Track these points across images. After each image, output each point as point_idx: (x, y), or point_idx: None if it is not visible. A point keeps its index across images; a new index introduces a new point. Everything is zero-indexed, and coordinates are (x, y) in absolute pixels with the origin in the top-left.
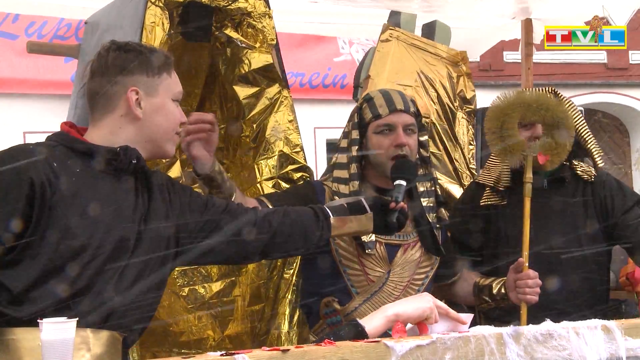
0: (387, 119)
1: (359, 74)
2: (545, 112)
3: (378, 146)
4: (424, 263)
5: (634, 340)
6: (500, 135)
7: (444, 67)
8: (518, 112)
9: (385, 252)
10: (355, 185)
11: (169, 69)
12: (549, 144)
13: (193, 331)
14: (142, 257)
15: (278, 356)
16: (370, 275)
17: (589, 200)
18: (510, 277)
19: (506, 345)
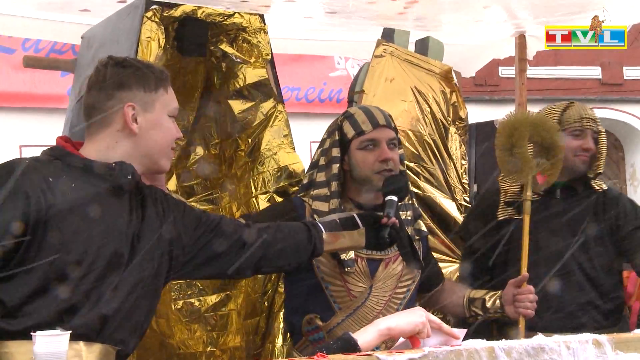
0: (371, 134)
1: (353, 88)
2: (545, 134)
3: (363, 162)
4: (406, 277)
5: (625, 354)
6: (510, 152)
7: (437, 83)
8: (527, 131)
9: (367, 267)
10: (335, 204)
11: (165, 85)
12: (545, 164)
13: (188, 344)
14: (135, 272)
15: None
16: (353, 291)
17: (600, 212)
18: (510, 291)
19: (498, 358)
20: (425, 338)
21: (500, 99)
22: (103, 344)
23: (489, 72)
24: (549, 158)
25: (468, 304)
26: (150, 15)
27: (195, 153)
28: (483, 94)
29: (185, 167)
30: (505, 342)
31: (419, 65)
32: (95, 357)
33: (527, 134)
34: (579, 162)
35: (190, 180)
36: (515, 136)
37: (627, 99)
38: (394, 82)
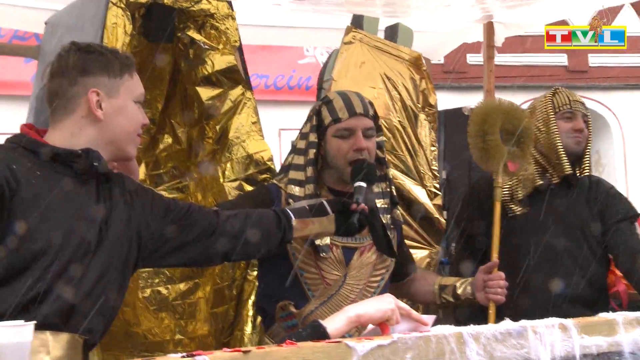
0: (346, 123)
1: (322, 75)
2: (517, 122)
3: (337, 150)
4: (380, 266)
5: (590, 337)
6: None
7: (407, 69)
8: (499, 119)
9: (342, 255)
10: (311, 189)
11: (130, 71)
12: (516, 152)
13: (155, 333)
14: (103, 260)
15: (239, 357)
16: (327, 279)
17: (592, 204)
18: (480, 277)
19: (466, 344)
20: (395, 325)
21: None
22: (70, 334)
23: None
24: (520, 146)
25: (439, 291)
26: (115, 1)
27: (163, 141)
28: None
29: (153, 155)
30: (473, 327)
31: (388, 52)
32: (62, 346)
33: (499, 121)
34: (572, 143)
35: (158, 168)
36: (488, 124)
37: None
38: (363, 69)
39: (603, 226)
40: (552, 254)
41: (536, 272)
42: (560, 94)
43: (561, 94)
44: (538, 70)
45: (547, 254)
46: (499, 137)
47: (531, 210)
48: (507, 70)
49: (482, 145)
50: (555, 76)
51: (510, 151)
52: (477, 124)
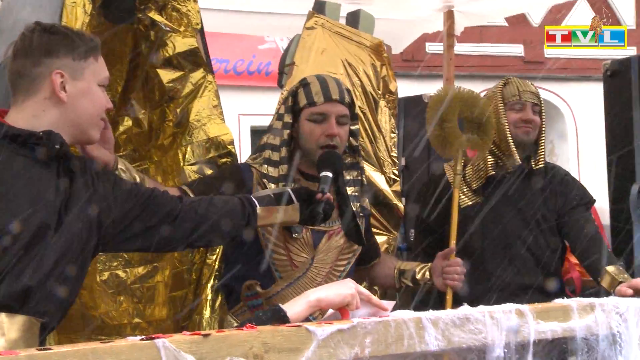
0: (321, 107)
1: (283, 60)
2: (475, 109)
3: (309, 133)
4: (346, 250)
5: (545, 323)
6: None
7: (368, 56)
8: (458, 106)
9: (311, 238)
10: (285, 169)
11: (95, 53)
12: (475, 140)
13: (113, 316)
14: (62, 243)
15: (199, 340)
16: (295, 261)
17: (548, 192)
18: (438, 263)
19: (425, 329)
20: (355, 310)
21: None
22: (26, 316)
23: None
24: (478, 133)
25: (398, 276)
26: None
27: (122, 124)
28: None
29: None
30: (432, 312)
31: (349, 38)
32: (17, 329)
33: (457, 109)
34: (521, 134)
35: (118, 151)
36: (445, 111)
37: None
38: (324, 55)
39: (558, 213)
40: (508, 242)
41: (492, 260)
42: (510, 85)
43: (511, 85)
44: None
45: (503, 242)
46: (457, 125)
47: (486, 199)
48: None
49: (440, 132)
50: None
51: (468, 139)
52: (435, 112)
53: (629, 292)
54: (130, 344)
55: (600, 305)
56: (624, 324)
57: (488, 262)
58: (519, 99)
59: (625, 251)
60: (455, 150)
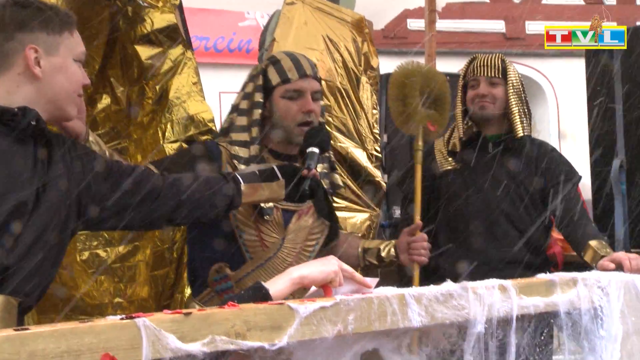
0: (296, 84)
1: (264, 36)
2: (435, 85)
3: (285, 111)
4: (315, 229)
5: (528, 298)
6: (402, 102)
7: (349, 32)
8: (418, 83)
9: (282, 218)
10: (256, 150)
11: (70, 28)
12: (435, 115)
13: (93, 296)
14: (40, 222)
15: (180, 319)
16: (266, 241)
17: (531, 166)
18: (404, 239)
19: (408, 305)
20: (338, 287)
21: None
22: (4, 295)
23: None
24: (438, 109)
25: (362, 254)
26: None
27: (101, 101)
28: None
29: (90, 116)
30: (415, 289)
31: (330, 14)
32: None
33: (418, 85)
34: (477, 109)
35: (96, 129)
36: (407, 87)
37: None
38: (305, 30)
39: (544, 188)
40: (492, 216)
41: (475, 234)
42: (473, 62)
43: (473, 62)
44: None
45: (487, 217)
46: (418, 100)
47: (471, 173)
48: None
49: (402, 108)
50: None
51: (428, 114)
52: (397, 88)
53: (611, 266)
54: (110, 323)
55: (582, 280)
56: (606, 297)
57: (472, 236)
58: (473, 76)
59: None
60: (416, 125)
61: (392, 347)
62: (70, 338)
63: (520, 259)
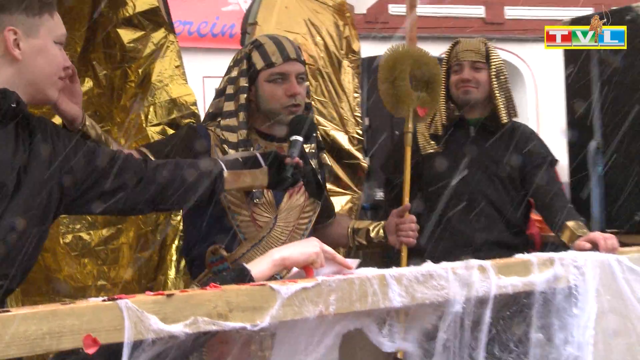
0: (280, 67)
1: (246, 20)
2: (425, 67)
3: (271, 95)
4: (307, 208)
5: (507, 278)
6: (392, 85)
7: (331, 16)
8: (408, 65)
9: (273, 197)
10: (244, 134)
11: (50, 10)
12: (425, 98)
13: (77, 278)
14: (21, 205)
15: (162, 301)
16: (259, 221)
17: (512, 149)
18: (392, 221)
19: (389, 286)
20: (319, 268)
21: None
22: None
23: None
24: (428, 92)
25: (352, 234)
26: None
27: (83, 85)
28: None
29: None
30: (395, 269)
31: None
32: None
33: (408, 68)
34: (460, 94)
35: None
36: (397, 70)
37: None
38: (287, 14)
39: (523, 170)
40: (473, 198)
41: (457, 216)
42: (456, 46)
43: (456, 46)
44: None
45: (468, 198)
46: (408, 83)
47: (453, 156)
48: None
49: (392, 91)
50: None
51: (419, 97)
52: (387, 70)
53: (587, 246)
54: (92, 305)
55: (559, 260)
56: (582, 277)
57: (453, 217)
58: (456, 61)
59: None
60: (406, 108)
61: (375, 327)
62: (52, 320)
63: (500, 239)
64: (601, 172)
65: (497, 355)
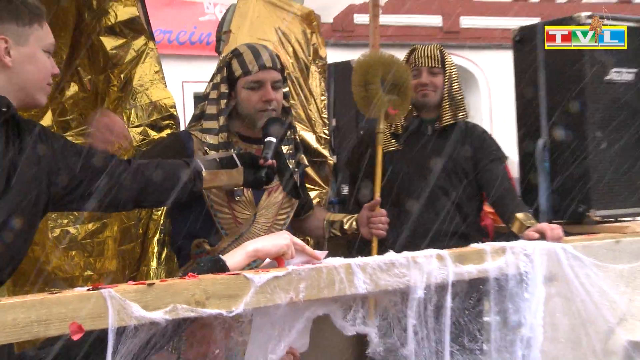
0: (256, 75)
1: (220, 27)
2: (395, 72)
3: (247, 100)
4: (285, 205)
5: (463, 266)
6: (365, 88)
7: (299, 25)
8: (380, 70)
9: (252, 196)
10: (224, 137)
11: (40, 20)
12: (396, 100)
13: (65, 269)
14: (11, 202)
15: (144, 290)
16: (239, 218)
17: (466, 146)
18: (364, 214)
19: (354, 274)
20: (290, 259)
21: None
22: None
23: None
24: (399, 94)
25: (328, 226)
26: None
27: (69, 89)
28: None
29: (60, 103)
30: (360, 259)
31: (282, 8)
32: None
33: (379, 72)
34: (419, 97)
35: (65, 115)
36: (370, 74)
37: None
38: (259, 23)
39: (476, 166)
40: (431, 192)
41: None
42: (413, 53)
43: (414, 53)
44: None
45: (426, 192)
46: (379, 86)
47: (411, 153)
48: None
49: (365, 93)
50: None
51: (390, 99)
52: (360, 75)
53: (535, 235)
54: (77, 294)
55: (510, 248)
56: (531, 264)
57: (413, 211)
58: (415, 66)
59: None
60: (378, 109)
61: (340, 312)
62: (40, 308)
63: (456, 230)
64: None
65: (467, 347)
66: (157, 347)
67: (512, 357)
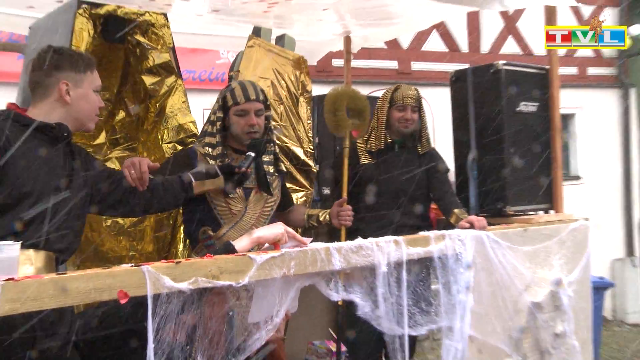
0: (242, 105)
1: (232, 68)
2: (358, 102)
3: (237, 124)
4: (269, 200)
5: (413, 248)
6: (334, 115)
7: (291, 67)
8: (345, 100)
9: (243, 193)
10: (219, 150)
11: (92, 68)
12: (358, 124)
13: (115, 250)
14: (69, 201)
15: (173, 266)
16: (233, 210)
17: (423, 163)
18: (335, 209)
19: (332, 255)
20: (284, 244)
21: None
22: (46, 251)
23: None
24: (360, 119)
25: (307, 219)
26: (81, 12)
27: (118, 115)
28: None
29: (111, 125)
30: (336, 243)
31: (278, 54)
32: (41, 260)
33: (345, 102)
34: (401, 128)
35: (115, 134)
36: (337, 103)
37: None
38: (260, 65)
39: (429, 176)
40: (397, 195)
41: (384, 207)
42: (398, 91)
43: (399, 91)
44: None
45: (392, 194)
46: (345, 113)
47: (382, 165)
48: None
49: (334, 118)
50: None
51: (353, 123)
52: (330, 104)
53: (467, 225)
54: (123, 269)
55: (448, 235)
56: (464, 246)
57: (382, 209)
58: (401, 103)
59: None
60: (343, 130)
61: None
62: (95, 280)
63: (413, 223)
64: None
65: (425, 309)
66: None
67: (454, 316)
